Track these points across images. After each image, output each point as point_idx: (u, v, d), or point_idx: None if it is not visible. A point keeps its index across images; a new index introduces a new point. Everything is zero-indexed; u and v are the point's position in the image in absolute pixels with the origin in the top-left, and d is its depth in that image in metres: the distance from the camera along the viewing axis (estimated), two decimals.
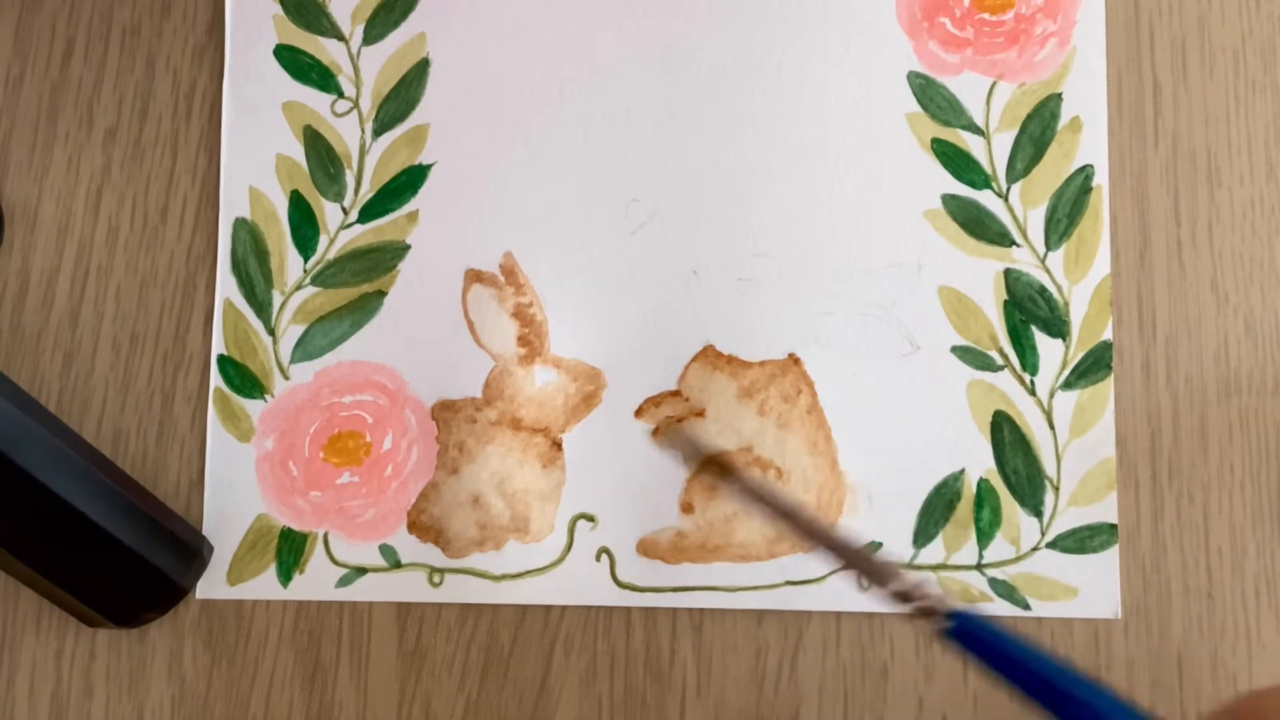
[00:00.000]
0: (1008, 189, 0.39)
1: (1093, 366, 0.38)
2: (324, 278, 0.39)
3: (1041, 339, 0.38)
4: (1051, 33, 0.40)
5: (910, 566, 0.38)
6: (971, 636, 0.25)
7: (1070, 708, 0.23)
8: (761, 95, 0.40)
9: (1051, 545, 0.38)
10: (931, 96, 0.40)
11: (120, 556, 0.35)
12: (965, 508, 0.38)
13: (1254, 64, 0.40)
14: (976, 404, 0.38)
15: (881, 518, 0.38)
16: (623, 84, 0.40)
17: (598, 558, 0.38)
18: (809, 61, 0.40)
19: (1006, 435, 0.38)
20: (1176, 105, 0.40)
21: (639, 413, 0.39)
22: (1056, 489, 0.38)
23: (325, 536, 0.38)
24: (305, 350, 0.39)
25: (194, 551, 0.37)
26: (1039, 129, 0.39)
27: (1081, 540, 0.37)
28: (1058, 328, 0.39)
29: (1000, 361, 0.38)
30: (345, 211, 0.40)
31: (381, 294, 0.39)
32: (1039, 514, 0.38)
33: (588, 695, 0.38)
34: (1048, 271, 0.39)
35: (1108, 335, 0.38)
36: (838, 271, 0.39)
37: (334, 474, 0.39)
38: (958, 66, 0.40)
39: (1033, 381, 0.38)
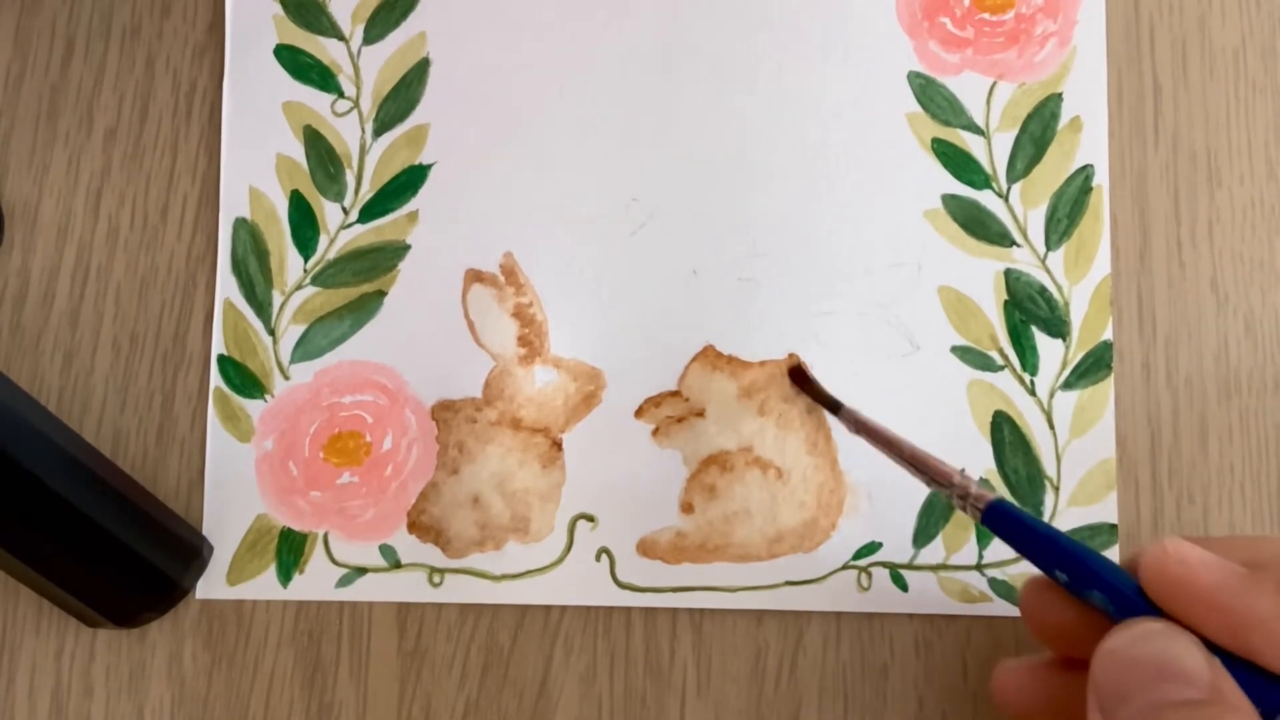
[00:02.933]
0: (1008, 189, 0.39)
1: (1093, 367, 0.38)
2: (324, 278, 0.39)
3: (1041, 339, 0.38)
4: (1052, 33, 0.40)
5: (910, 567, 0.38)
6: (1003, 518, 0.32)
7: (1076, 568, 0.29)
8: (761, 95, 0.40)
9: None
10: (932, 96, 0.40)
11: (120, 556, 0.35)
12: None
13: (1254, 64, 0.40)
14: (976, 404, 0.38)
15: (881, 518, 0.38)
16: (623, 84, 0.40)
17: (598, 558, 0.38)
18: (809, 61, 0.40)
19: (1006, 435, 0.38)
20: (1176, 105, 0.40)
21: (639, 413, 0.39)
22: (1056, 489, 0.38)
23: (325, 536, 0.38)
24: (305, 350, 0.39)
25: (194, 551, 0.37)
26: (1039, 129, 0.39)
27: (1081, 540, 0.37)
28: (1058, 328, 0.38)
29: (1000, 361, 0.38)
30: (345, 211, 0.40)
31: (381, 294, 0.39)
32: (1039, 514, 0.38)
33: (588, 695, 0.38)
34: (1048, 271, 0.39)
35: (1108, 335, 0.38)
36: (838, 271, 0.39)
37: (334, 474, 0.39)
38: (958, 66, 0.40)
39: (1033, 382, 0.38)
